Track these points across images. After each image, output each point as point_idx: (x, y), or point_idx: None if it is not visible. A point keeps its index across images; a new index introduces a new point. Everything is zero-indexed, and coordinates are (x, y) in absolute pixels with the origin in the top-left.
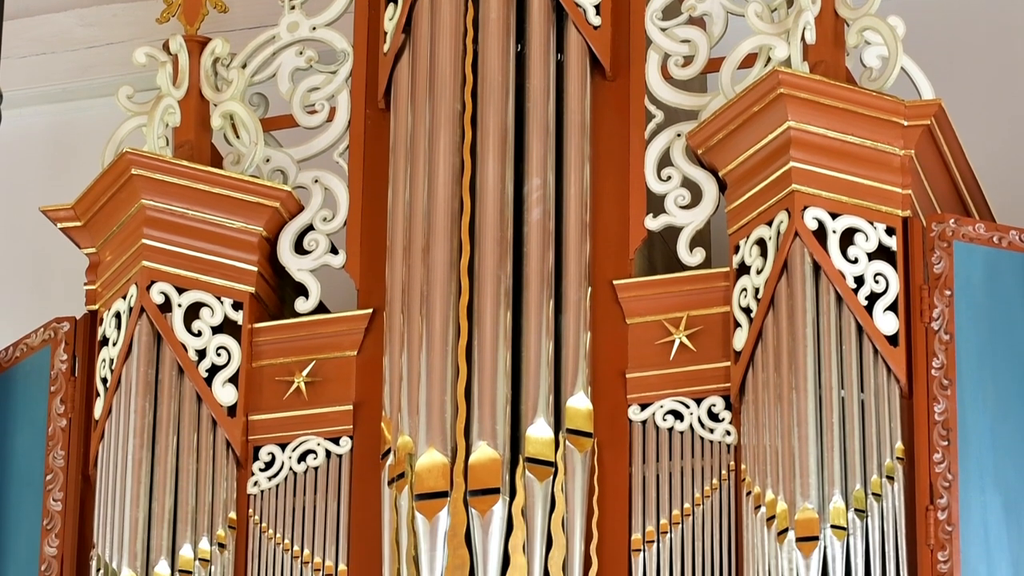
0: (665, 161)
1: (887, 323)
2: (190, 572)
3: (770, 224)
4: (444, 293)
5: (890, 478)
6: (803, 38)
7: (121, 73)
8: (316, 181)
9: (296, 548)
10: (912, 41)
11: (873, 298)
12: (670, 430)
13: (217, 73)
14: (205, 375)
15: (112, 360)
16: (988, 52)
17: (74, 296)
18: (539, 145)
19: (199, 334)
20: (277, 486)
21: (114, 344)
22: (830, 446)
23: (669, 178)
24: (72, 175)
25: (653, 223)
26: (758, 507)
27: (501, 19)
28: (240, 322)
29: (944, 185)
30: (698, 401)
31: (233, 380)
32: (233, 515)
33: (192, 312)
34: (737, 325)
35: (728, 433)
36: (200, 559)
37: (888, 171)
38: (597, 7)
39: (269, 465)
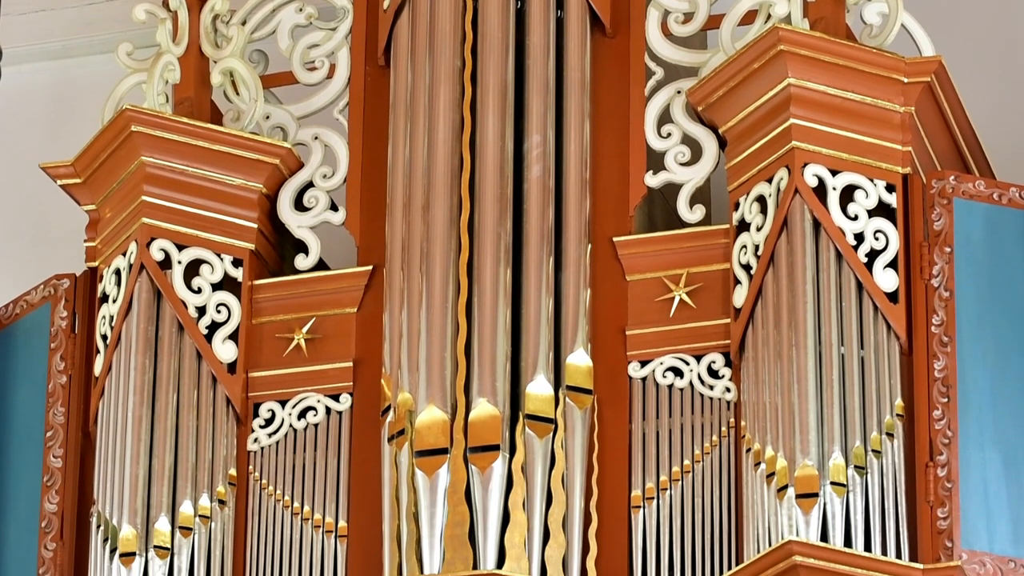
0: (665, 118)
1: (887, 280)
2: (190, 529)
3: (770, 181)
4: (444, 250)
5: (890, 435)
6: None
7: (121, 30)
8: (316, 138)
9: (296, 505)
10: None
11: (873, 255)
12: (670, 387)
13: (217, 30)
14: (205, 332)
15: (112, 317)
16: (989, 9)
17: (74, 253)
18: (539, 102)
19: (199, 291)
20: (277, 443)
21: (114, 301)
22: (830, 403)
23: (669, 135)
24: (72, 132)
25: (653, 180)
26: (758, 464)
27: None
28: (240, 279)
29: (944, 142)
30: (698, 358)
31: (233, 337)
32: (233, 472)
33: (192, 269)
34: (737, 282)
35: (728, 390)
36: (200, 516)
37: (888, 128)
38: None
39: (269, 422)
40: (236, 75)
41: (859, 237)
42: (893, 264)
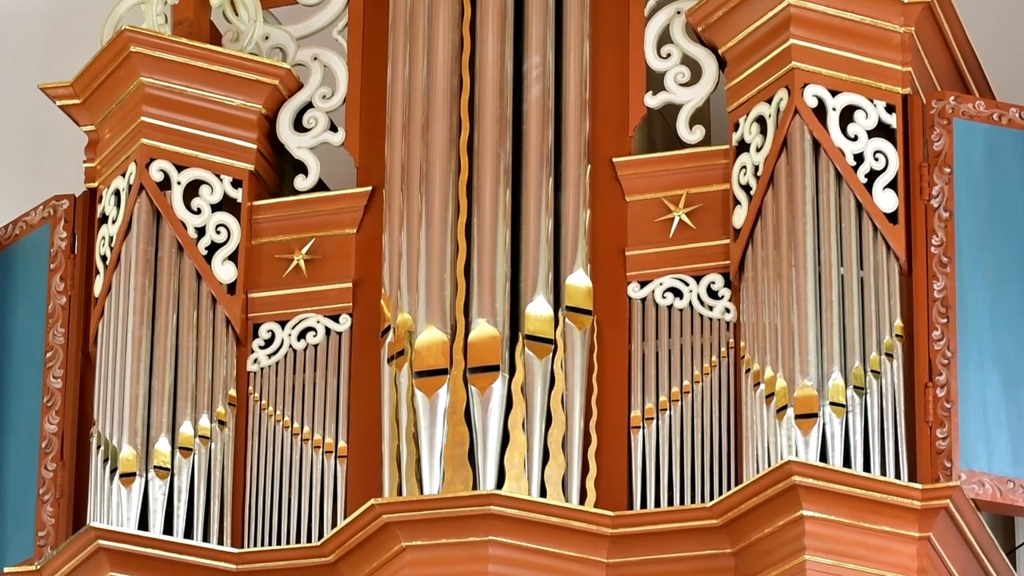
0: (665, 38)
1: (887, 200)
2: (190, 449)
3: (770, 102)
4: (443, 171)
5: (889, 355)
6: None
7: None
8: (315, 59)
9: (296, 425)
10: None
11: (873, 176)
12: (669, 307)
13: None
14: (204, 253)
15: (111, 238)
16: None
17: (73, 174)
18: (539, 22)
19: (198, 212)
20: (277, 363)
21: (113, 222)
22: (829, 323)
23: (669, 55)
24: (71, 53)
25: (653, 101)
26: (757, 384)
27: None
28: (239, 200)
29: (944, 62)
30: (697, 279)
31: (233, 258)
32: (233, 392)
33: (191, 190)
34: (736, 203)
35: (727, 310)
36: (200, 436)
37: (888, 48)
38: None
39: (269, 343)
40: None
41: (859, 158)
42: (893, 185)
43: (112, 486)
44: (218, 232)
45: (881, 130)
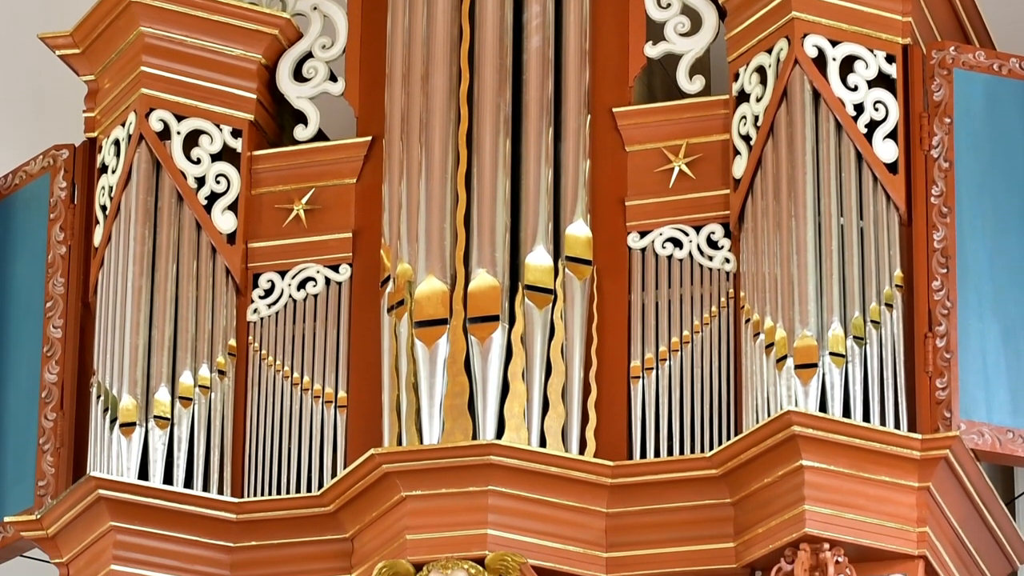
0: None
1: (887, 151)
2: (190, 399)
3: (770, 52)
4: (443, 121)
5: (889, 305)
6: None
7: None
8: (315, 8)
9: (296, 375)
10: None
11: (873, 126)
12: (669, 258)
13: None
14: (204, 202)
15: (111, 187)
16: None
17: (73, 123)
18: None
19: (198, 161)
20: (277, 313)
21: (113, 171)
22: (829, 274)
23: (669, 5)
24: (71, 2)
25: (652, 51)
26: (757, 334)
27: None
28: (239, 149)
29: (944, 12)
30: (697, 229)
31: (232, 207)
32: (233, 342)
33: (191, 139)
34: (736, 153)
35: (727, 261)
36: (200, 386)
37: None
38: None
39: (268, 292)
40: None
41: (859, 108)
42: (893, 135)
43: (112, 436)
44: (218, 182)
45: (881, 80)
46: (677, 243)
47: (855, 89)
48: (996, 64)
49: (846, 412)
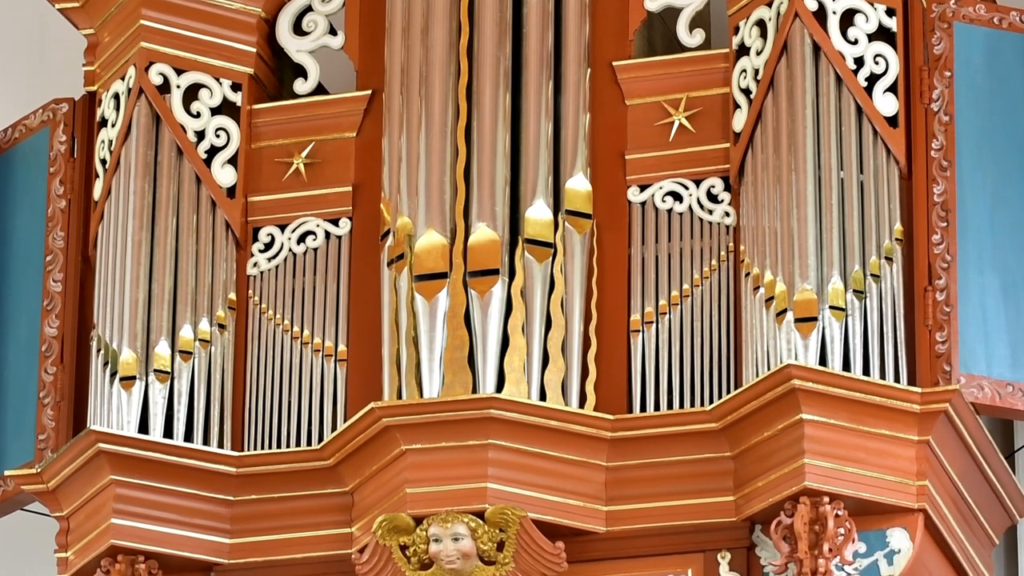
0: None
1: (887, 104)
2: (190, 353)
3: (770, 5)
4: (443, 74)
5: (889, 259)
6: None
7: None
8: None
9: (296, 329)
10: None
11: (873, 79)
12: (669, 211)
13: None
14: (204, 156)
15: (111, 141)
16: None
17: (73, 77)
18: None
19: (198, 115)
20: (277, 267)
21: (113, 125)
22: (829, 227)
23: None
24: None
25: (652, 4)
26: (757, 288)
27: None
28: (239, 103)
29: None
30: (697, 182)
31: (232, 161)
32: (233, 296)
33: (191, 93)
34: (736, 106)
35: (727, 214)
36: (200, 340)
37: None
38: None
39: (269, 246)
40: None
41: (859, 61)
42: (893, 88)
43: (112, 389)
44: (217, 136)
45: (881, 34)
46: (677, 197)
47: (855, 43)
48: (996, 17)
49: (846, 366)
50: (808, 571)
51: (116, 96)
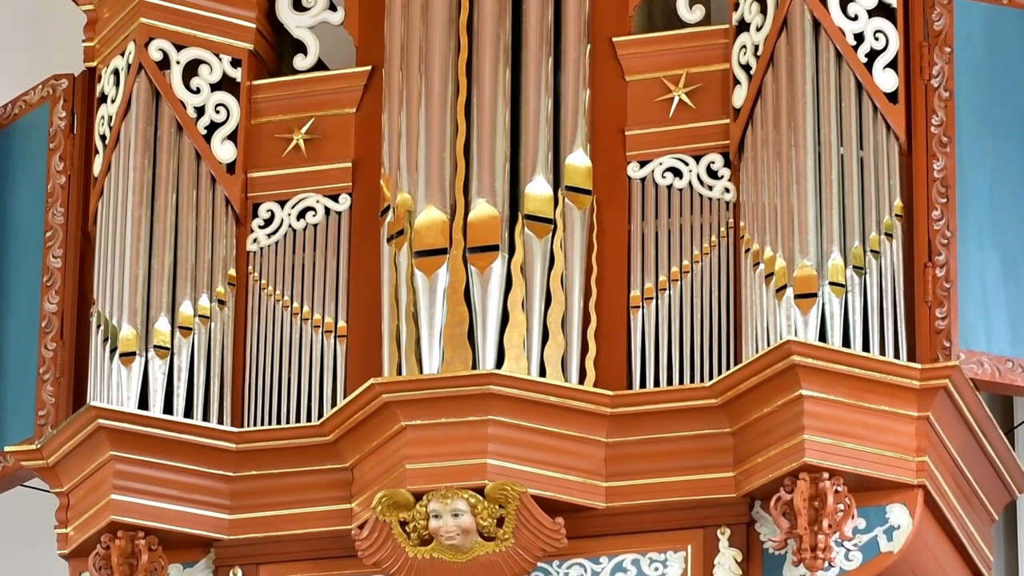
0: None
1: (887, 80)
2: (190, 329)
3: None
4: (443, 50)
5: (889, 235)
6: None
7: None
8: None
9: (296, 305)
10: None
11: (873, 55)
12: (669, 187)
13: None
14: (204, 132)
15: (111, 117)
16: None
17: (73, 53)
18: None
19: (198, 91)
20: (276, 243)
21: (113, 101)
22: (829, 203)
23: None
24: None
25: None
26: (756, 264)
27: None
28: (239, 79)
29: None
30: (697, 158)
31: (232, 137)
32: (233, 272)
33: (191, 69)
34: (736, 82)
35: (727, 190)
36: (200, 316)
37: None
38: None
39: (268, 222)
40: None
41: (859, 37)
42: (893, 64)
43: (112, 365)
44: (217, 112)
45: (881, 9)
46: (677, 173)
47: (855, 18)
48: None
49: (846, 342)
50: (808, 547)
51: (116, 72)
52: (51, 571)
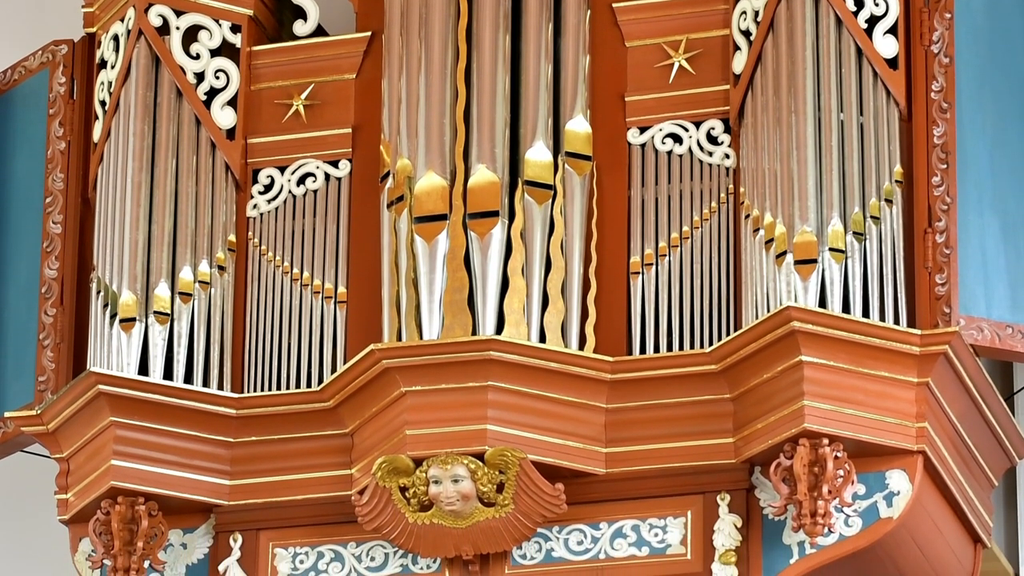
0: None
1: (887, 46)
2: (190, 294)
3: None
4: (443, 16)
5: (889, 201)
6: None
7: None
8: None
9: (296, 271)
10: None
11: (873, 21)
12: (669, 153)
13: None
14: (204, 98)
15: (110, 83)
16: None
17: (72, 19)
18: None
19: (197, 57)
20: (276, 209)
21: (112, 67)
22: (829, 169)
23: None
24: None
25: None
26: (756, 230)
27: None
28: (238, 45)
29: None
30: (697, 124)
31: (232, 103)
32: (233, 238)
33: (190, 35)
34: (736, 48)
35: (727, 156)
36: (200, 281)
37: None
38: None
39: (268, 188)
40: None
41: (859, 3)
42: (893, 30)
43: (112, 331)
44: (217, 77)
45: None
46: (677, 139)
47: None
48: None
49: (845, 308)
50: (807, 513)
51: (115, 38)
52: (51, 537)
